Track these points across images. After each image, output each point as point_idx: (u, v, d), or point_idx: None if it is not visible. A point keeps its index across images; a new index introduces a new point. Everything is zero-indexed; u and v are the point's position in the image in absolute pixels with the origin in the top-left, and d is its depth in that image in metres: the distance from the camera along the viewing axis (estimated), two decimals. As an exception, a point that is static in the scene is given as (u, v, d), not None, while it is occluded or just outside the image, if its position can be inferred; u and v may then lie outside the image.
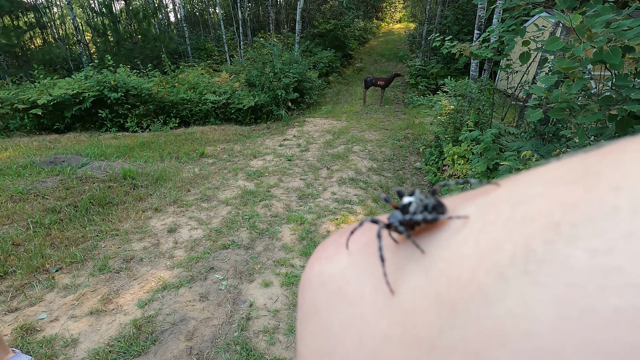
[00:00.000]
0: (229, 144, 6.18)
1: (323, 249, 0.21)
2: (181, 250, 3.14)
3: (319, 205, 4.02)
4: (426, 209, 0.18)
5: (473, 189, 0.18)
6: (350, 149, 5.95)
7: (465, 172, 3.99)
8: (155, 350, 2.17)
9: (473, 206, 0.16)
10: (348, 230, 0.22)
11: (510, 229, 0.13)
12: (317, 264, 0.20)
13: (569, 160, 0.14)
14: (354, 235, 0.20)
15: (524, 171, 0.16)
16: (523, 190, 0.14)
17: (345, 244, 0.20)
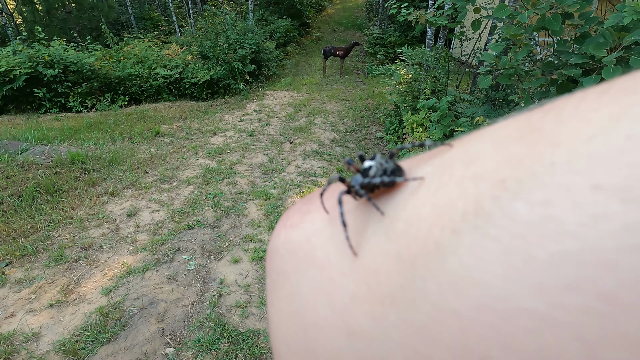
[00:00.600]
0: (186, 121, 5.92)
1: (287, 217, 0.22)
2: (144, 234, 3.05)
3: (284, 180, 4.02)
4: (385, 173, 0.18)
5: (429, 150, 0.19)
6: (312, 122, 5.92)
7: (424, 139, 4.13)
8: (125, 335, 2.14)
9: (429, 167, 0.16)
10: (312, 196, 0.22)
11: (462, 187, 0.13)
12: (282, 232, 0.21)
13: (515, 119, 0.14)
14: (323, 197, 0.21)
15: (475, 130, 0.17)
16: (474, 150, 0.14)
17: (315, 209, 0.20)
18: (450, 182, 0.14)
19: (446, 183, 0.14)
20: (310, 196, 0.22)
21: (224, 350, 2.08)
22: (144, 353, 2.04)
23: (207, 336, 2.15)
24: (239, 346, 2.11)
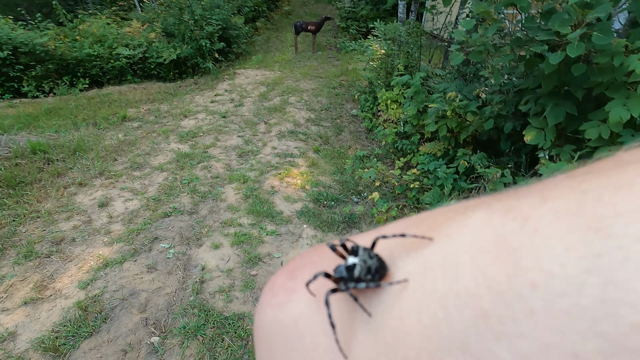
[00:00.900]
0: (154, 104, 5.67)
1: (273, 294, 0.21)
2: (118, 224, 2.96)
3: (261, 162, 3.98)
4: (369, 272, 0.18)
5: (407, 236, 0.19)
6: (286, 101, 5.81)
7: (398, 116, 4.17)
8: (107, 328, 2.12)
9: (411, 264, 0.17)
10: (295, 269, 0.22)
11: (447, 311, 0.13)
12: (269, 311, 0.21)
13: (488, 222, 0.15)
14: (309, 286, 0.20)
15: (455, 216, 0.17)
16: (454, 257, 0.15)
17: (300, 287, 0.20)
18: (433, 298, 0.14)
19: (430, 298, 0.15)
20: (294, 268, 0.22)
21: (210, 335, 2.10)
22: (128, 344, 2.04)
23: (192, 323, 2.16)
24: (225, 330, 2.14)
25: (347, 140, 4.61)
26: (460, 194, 2.89)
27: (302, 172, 3.80)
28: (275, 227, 2.99)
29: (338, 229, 3.00)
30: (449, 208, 0.19)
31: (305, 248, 2.79)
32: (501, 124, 2.84)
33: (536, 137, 2.22)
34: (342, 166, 3.90)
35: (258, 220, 3.07)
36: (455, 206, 0.19)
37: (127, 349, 2.01)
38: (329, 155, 4.17)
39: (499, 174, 2.52)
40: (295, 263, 0.23)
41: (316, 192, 3.44)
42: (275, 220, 3.08)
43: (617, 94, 1.70)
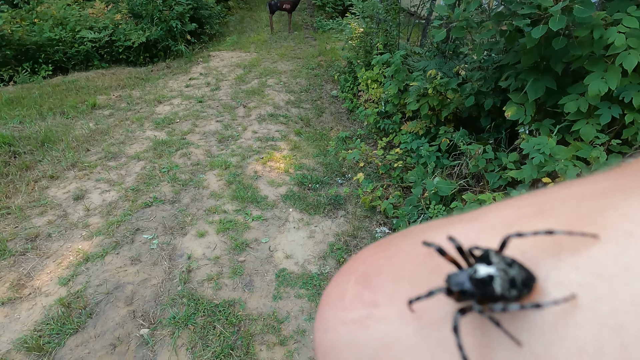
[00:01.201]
0: (125, 90, 5.40)
1: (344, 307, 0.17)
2: (96, 217, 2.85)
3: (242, 146, 3.89)
4: (514, 286, 0.14)
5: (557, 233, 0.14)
6: (264, 83, 5.67)
7: (379, 95, 4.14)
8: (94, 323, 2.06)
9: (573, 272, 0.13)
10: (369, 272, 0.17)
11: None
12: (342, 329, 0.16)
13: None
14: (412, 305, 0.15)
15: (606, 199, 0.13)
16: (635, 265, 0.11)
17: (384, 298, 0.15)
18: (617, 318, 0.11)
19: (613, 317, 0.11)
20: (367, 273, 0.17)
21: (201, 324, 2.08)
22: (116, 338, 1.99)
23: (181, 312, 2.13)
24: (216, 317, 2.12)
25: (328, 122, 4.57)
26: (443, 171, 2.93)
27: (284, 155, 3.75)
28: (260, 212, 2.96)
29: (324, 211, 3.00)
30: (584, 184, 0.15)
31: (292, 232, 2.78)
32: (481, 101, 2.87)
33: (516, 112, 2.26)
34: (325, 148, 3.87)
35: (243, 206, 3.02)
36: (592, 182, 0.15)
37: (115, 343, 1.97)
38: (311, 138, 4.13)
39: (480, 150, 2.56)
40: (368, 265, 0.18)
41: (300, 175, 3.41)
42: (260, 205, 3.04)
43: (596, 67, 1.73)
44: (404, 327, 0.15)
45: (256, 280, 2.38)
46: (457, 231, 0.16)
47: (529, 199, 0.16)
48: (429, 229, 0.18)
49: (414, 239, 0.17)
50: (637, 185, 0.13)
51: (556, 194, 0.15)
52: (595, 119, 1.89)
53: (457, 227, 0.17)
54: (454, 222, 0.17)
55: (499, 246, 0.15)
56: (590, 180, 0.15)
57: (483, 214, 0.17)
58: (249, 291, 2.30)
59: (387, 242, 0.19)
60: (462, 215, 0.18)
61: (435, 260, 0.16)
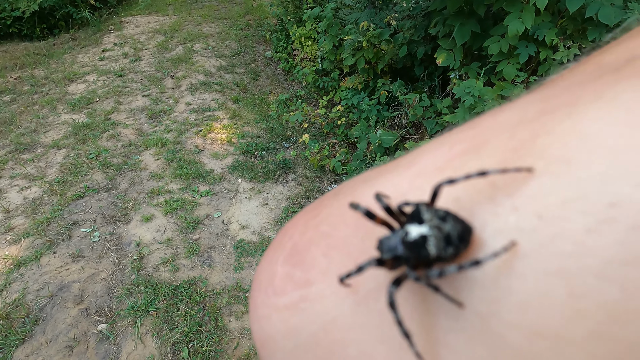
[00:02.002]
0: (25, 70, 4.67)
1: (274, 291, 0.15)
2: (20, 218, 2.55)
3: (177, 121, 3.64)
4: (449, 242, 0.12)
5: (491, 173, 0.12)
6: (190, 49, 5.23)
7: (315, 53, 4.04)
8: (42, 329, 1.91)
9: (511, 216, 0.11)
10: (296, 248, 0.15)
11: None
12: (275, 316, 0.15)
13: None
14: (345, 281, 0.13)
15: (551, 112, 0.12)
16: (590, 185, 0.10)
17: (316, 276, 0.14)
18: (572, 261, 0.10)
19: (565, 260, 0.10)
20: (295, 247, 0.15)
21: (164, 308, 2.03)
22: (72, 339, 1.88)
23: (140, 300, 2.05)
24: (178, 299, 2.08)
25: (266, 85, 4.40)
26: (385, 123, 3.02)
27: (225, 125, 3.58)
28: (208, 187, 2.85)
29: (274, 177, 2.97)
30: (515, 109, 0.14)
31: (245, 202, 2.74)
32: (414, 50, 2.93)
33: (447, 58, 2.35)
34: (266, 113, 3.76)
35: (188, 183, 2.88)
36: (523, 105, 0.14)
37: (72, 345, 1.85)
38: (250, 104, 3.96)
39: (417, 99, 2.65)
40: (296, 239, 0.16)
41: (244, 143, 3.31)
42: (207, 179, 2.92)
43: (513, 8, 1.84)
44: (340, 305, 0.13)
45: (215, 256, 2.34)
46: (388, 182, 0.15)
47: (461, 134, 0.15)
48: (361, 182, 0.17)
49: (344, 199, 0.16)
50: (569, 102, 0.12)
51: (488, 124, 0.14)
52: (515, 59, 2.03)
53: (388, 177, 0.15)
54: (385, 172, 0.16)
55: (430, 197, 0.13)
56: (521, 103, 0.14)
57: (415, 158, 0.15)
58: (208, 267, 2.27)
59: (318, 205, 0.17)
60: (397, 161, 0.16)
61: (368, 223, 0.14)
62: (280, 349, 0.14)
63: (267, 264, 0.16)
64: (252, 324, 0.16)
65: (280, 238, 0.17)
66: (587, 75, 0.14)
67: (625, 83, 0.11)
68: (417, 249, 0.13)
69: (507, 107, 0.14)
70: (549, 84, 0.15)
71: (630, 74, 0.12)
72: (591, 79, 0.13)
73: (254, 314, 0.16)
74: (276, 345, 0.15)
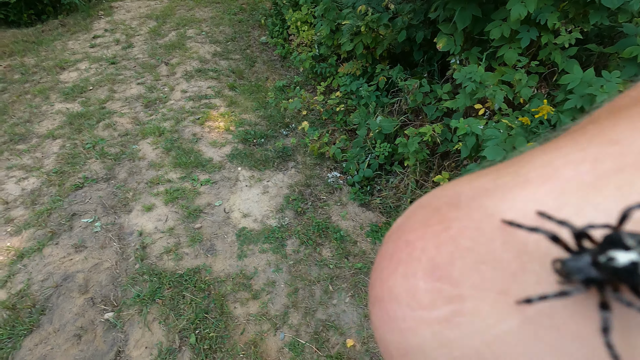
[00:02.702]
0: (15, 58, 4.55)
1: (419, 303, 0.15)
2: (19, 209, 2.53)
3: (173, 109, 3.59)
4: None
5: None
6: (184, 35, 5.12)
7: (312, 38, 3.98)
8: (49, 319, 1.93)
9: None
10: (443, 264, 0.15)
11: None
12: (425, 329, 0.14)
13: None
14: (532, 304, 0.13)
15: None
16: None
17: (467, 290, 0.13)
18: None
19: None
20: (435, 259, 0.15)
21: (169, 296, 2.05)
22: (79, 328, 1.90)
23: (145, 289, 2.07)
24: (183, 287, 2.10)
25: (262, 72, 4.34)
26: (384, 109, 3.01)
27: (222, 113, 3.55)
28: (208, 176, 2.85)
29: (274, 165, 2.97)
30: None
31: (245, 191, 2.74)
32: (413, 34, 2.90)
33: (447, 43, 2.33)
34: (264, 100, 3.73)
35: (187, 172, 2.87)
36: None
37: (80, 333, 1.88)
38: (247, 91, 3.92)
39: (417, 84, 2.64)
40: (432, 252, 0.15)
41: (243, 131, 3.29)
42: (207, 168, 2.91)
43: (515, -9, 1.82)
44: (505, 321, 0.13)
45: (217, 244, 2.36)
46: (529, 196, 0.14)
47: (597, 148, 0.14)
48: (481, 196, 0.16)
49: (474, 212, 0.15)
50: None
51: (631, 140, 0.13)
52: (516, 43, 2.03)
53: (522, 191, 0.15)
54: (510, 185, 0.15)
55: (617, 221, 0.13)
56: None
57: (545, 171, 0.15)
58: (212, 255, 2.29)
59: (444, 217, 0.16)
60: (517, 173, 0.15)
61: (514, 236, 0.14)
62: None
63: (402, 277, 0.16)
64: (389, 335, 0.16)
65: (410, 250, 0.16)
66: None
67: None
68: (626, 276, 0.13)
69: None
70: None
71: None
72: None
73: (391, 326, 0.15)
74: (425, 357, 0.15)
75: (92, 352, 1.82)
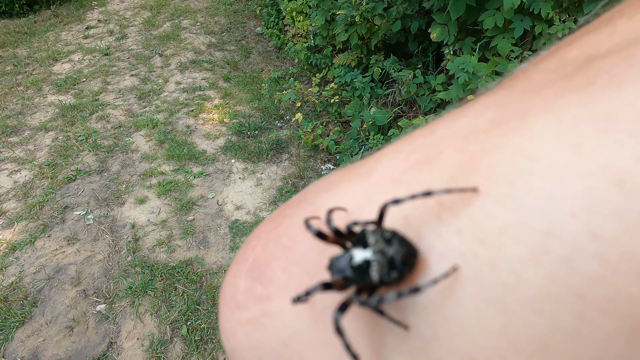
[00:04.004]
0: (6, 49, 4.50)
1: (237, 305, 0.15)
2: (11, 202, 2.53)
3: (167, 101, 3.56)
4: (393, 267, 0.12)
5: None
6: (178, 25, 5.07)
7: (307, 28, 3.94)
8: (41, 311, 1.94)
9: (454, 238, 0.11)
10: (258, 265, 0.15)
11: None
12: (239, 330, 0.15)
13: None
14: (301, 301, 0.13)
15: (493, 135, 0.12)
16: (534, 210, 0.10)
17: (275, 292, 0.14)
18: (508, 286, 0.10)
19: (501, 288, 0.10)
20: (257, 262, 0.15)
21: (161, 288, 2.06)
22: (71, 319, 1.91)
23: (137, 281, 2.08)
24: (175, 279, 2.11)
25: (257, 63, 4.30)
26: (378, 101, 2.99)
27: (216, 105, 3.52)
28: (201, 168, 2.84)
29: (267, 157, 2.96)
30: (471, 114, 0.13)
31: (238, 183, 2.73)
32: (408, 25, 2.87)
33: (441, 33, 2.30)
34: (258, 92, 3.69)
35: (181, 164, 2.86)
36: (480, 111, 0.13)
37: (72, 325, 1.89)
38: (241, 82, 3.89)
39: (411, 75, 2.62)
40: (258, 252, 0.16)
41: (237, 123, 3.27)
42: (200, 160, 2.90)
43: (509, -20, 1.79)
44: (299, 321, 0.14)
45: (210, 236, 2.36)
46: (348, 192, 0.15)
47: (418, 140, 0.14)
48: (322, 190, 0.16)
49: (306, 209, 0.16)
50: (520, 112, 0.12)
51: (444, 131, 0.14)
52: (510, 33, 2.00)
53: (348, 186, 0.15)
54: (347, 179, 0.16)
55: (377, 216, 0.13)
56: (479, 107, 0.14)
57: (375, 165, 0.15)
58: (204, 248, 2.29)
59: (280, 214, 0.17)
60: (358, 166, 0.16)
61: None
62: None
63: (231, 277, 0.16)
64: (222, 336, 0.16)
65: (244, 250, 0.16)
66: (546, 74, 0.13)
67: (572, 96, 0.11)
68: (361, 274, 0.13)
69: (466, 110, 0.14)
70: (511, 82, 0.15)
71: (579, 85, 0.11)
72: (547, 83, 0.12)
73: (221, 328, 0.16)
74: (242, 358, 0.15)
75: (84, 344, 1.83)
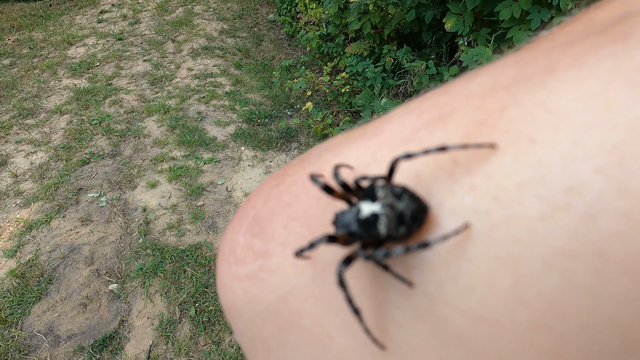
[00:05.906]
0: (23, 32, 4.56)
1: (236, 260, 0.15)
2: (28, 182, 2.60)
3: (178, 87, 3.59)
4: (402, 221, 0.12)
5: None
6: (191, 11, 5.06)
7: (319, 16, 3.90)
8: (56, 288, 2.01)
9: (468, 196, 0.11)
10: (257, 218, 0.15)
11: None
12: (237, 285, 0.15)
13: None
14: (303, 254, 0.13)
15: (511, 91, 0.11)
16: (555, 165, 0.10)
17: (274, 248, 0.14)
18: (524, 243, 0.10)
19: (516, 244, 0.10)
20: (257, 217, 0.15)
21: (171, 270, 2.11)
22: (85, 297, 1.98)
23: (148, 263, 2.13)
24: (184, 262, 2.16)
25: (269, 51, 4.29)
26: (390, 91, 2.96)
27: (227, 92, 3.54)
28: (212, 155, 2.87)
29: (277, 145, 2.97)
30: (489, 74, 0.13)
31: (248, 170, 2.76)
32: (422, 14, 2.82)
33: (456, 23, 2.26)
34: (270, 80, 3.69)
35: (191, 150, 2.89)
36: (499, 70, 0.13)
37: (85, 302, 1.96)
38: (253, 70, 3.89)
39: (423, 66, 2.59)
40: (258, 208, 0.15)
41: (247, 111, 3.28)
42: (210, 147, 2.93)
43: (528, -31, 1.74)
44: (298, 277, 0.13)
45: (219, 222, 2.40)
46: (352, 152, 0.14)
47: (432, 100, 0.14)
48: (325, 150, 0.16)
49: (309, 167, 0.15)
50: (546, 68, 0.11)
51: (460, 89, 0.13)
52: (527, 25, 1.96)
53: (353, 146, 0.15)
54: (352, 139, 0.15)
55: (387, 172, 0.12)
56: (498, 67, 0.13)
57: (383, 125, 0.14)
58: (213, 232, 2.33)
59: (282, 173, 0.17)
60: (365, 127, 0.15)
61: None
62: (242, 316, 0.15)
63: (230, 233, 0.16)
64: (219, 290, 0.16)
65: (244, 207, 0.16)
66: (573, 35, 0.13)
67: (607, 49, 0.10)
68: (368, 228, 0.13)
69: (483, 70, 0.14)
70: (532, 44, 0.14)
71: (614, 38, 0.10)
72: (576, 41, 0.12)
73: (218, 282, 0.16)
74: (238, 313, 0.15)
75: (97, 320, 1.90)
